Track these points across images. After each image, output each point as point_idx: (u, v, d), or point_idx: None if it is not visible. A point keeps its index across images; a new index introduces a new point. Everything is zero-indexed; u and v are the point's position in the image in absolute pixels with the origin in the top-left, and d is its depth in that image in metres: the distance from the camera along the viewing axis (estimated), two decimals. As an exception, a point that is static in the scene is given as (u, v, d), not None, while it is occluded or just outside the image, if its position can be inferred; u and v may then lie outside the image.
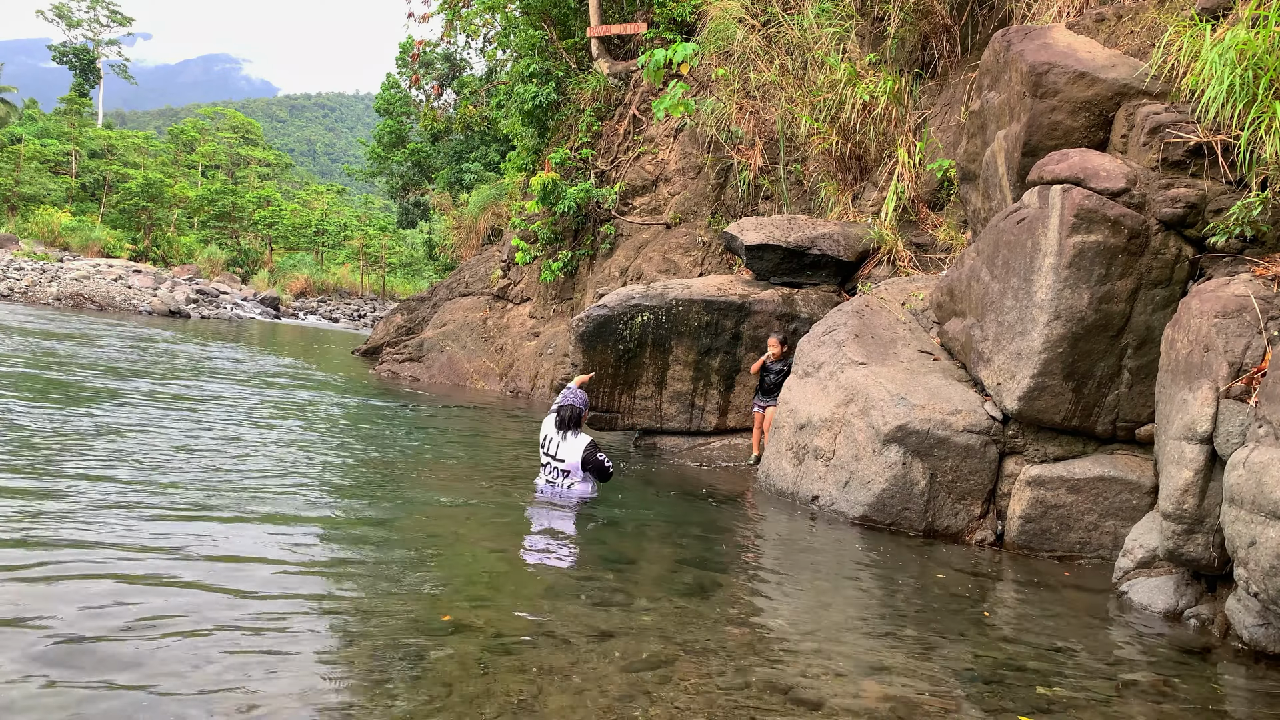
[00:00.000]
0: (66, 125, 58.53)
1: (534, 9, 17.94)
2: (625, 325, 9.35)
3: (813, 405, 7.05)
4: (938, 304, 7.24)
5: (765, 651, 3.68)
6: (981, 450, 6.15)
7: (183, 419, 8.51)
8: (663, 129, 14.79)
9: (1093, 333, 5.70)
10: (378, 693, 2.97)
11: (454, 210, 27.88)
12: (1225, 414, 4.45)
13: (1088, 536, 5.93)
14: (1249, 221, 5.18)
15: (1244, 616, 4.23)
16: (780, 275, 9.49)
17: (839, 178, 10.69)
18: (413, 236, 54.23)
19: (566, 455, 6.40)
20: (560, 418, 6.46)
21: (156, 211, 53.42)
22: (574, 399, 6.55)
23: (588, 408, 6.72)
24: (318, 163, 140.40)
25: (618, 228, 14.82)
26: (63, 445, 6.54)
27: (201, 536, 4.56)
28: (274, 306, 40.11)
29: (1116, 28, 6.89)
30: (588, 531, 5.75)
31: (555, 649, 3.46)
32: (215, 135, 73.82)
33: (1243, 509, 4.02)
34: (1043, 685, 3.55)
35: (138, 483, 5.60)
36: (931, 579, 5.20)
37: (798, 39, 11.06)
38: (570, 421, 6.44)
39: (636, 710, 2.98)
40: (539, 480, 6.66)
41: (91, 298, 28.19)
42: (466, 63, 31.56)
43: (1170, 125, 5.69)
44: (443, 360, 17.26)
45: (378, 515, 5.63)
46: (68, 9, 70.20)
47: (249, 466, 6.57)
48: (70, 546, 4.15)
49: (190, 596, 3.68)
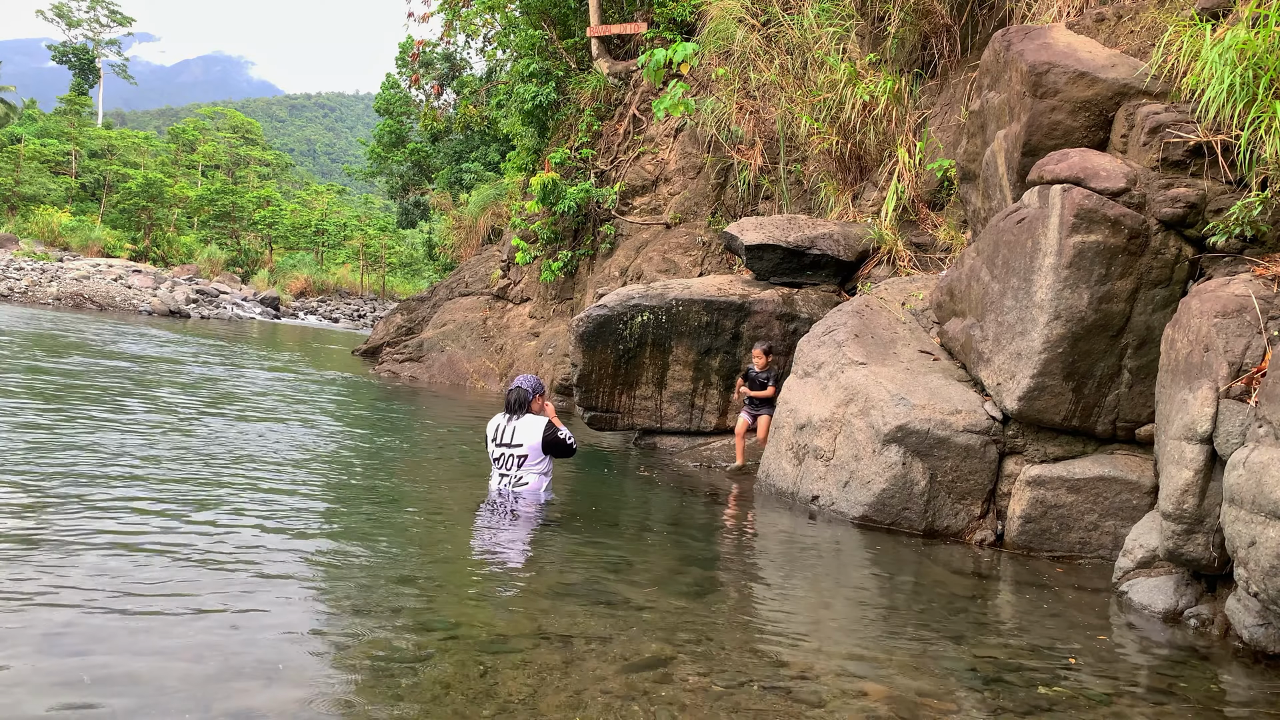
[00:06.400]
0: (66, 125, 58.53)
1: (534, 9, 17.93)
2: (625, 325, 9.35)
3: (813, 405, 7.05)
4: (938, 304, 7.24)
5: (765, 651, 3.67)
6: (981, 450, 6.15)
7: (180, 419, 8.50)
8: (663, 129, 14.78)
9: (1093, 333, 5.70)
10: (377, 693, 2.96)
11: (454, 210, 27.88)
12: (1225, 414, 4.45)
13: (1088, 536, 5.93)
14: (1249, 221, 5.18)
15: (1244, 616, 4.23)
16: (780, 275, 9.49)
17: (839, 178, 10.68)
18: (413, 236, 54.22)
19: (523, 439, 5.99)
20: (508, 402, 6.09)
21: (156, 211, 53.41)
22: (522, 381, 6.17)
23: (540, 392, 6.27)
24: (318, 163, 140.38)
25: (618, 228, 14.82)
26: (47, 450, 6.53)
27: (198, 537, 4.56)
28: (274, 306, 40.08)
29: (1116, 28, 6.89)
30: (587, 531, 5.74)
31: (554, 649, 3.46)
32: (215, 135, 73.85)
33: (1243, 509, 4.02)
34: (1043, 685, 3.54)
35: (131, 479, 5.60)
36: (931, 579, 5.20)
37: (798, 39, 11.06)
38: (519, 405, 6.05)
39: (636, 710, 2.98)
40: (490, 482, 6.24)
41: (91, 298, 28.18)
42: (466, 63, 31.55)
43: (1170, 125, 5.68)
44: (443, 360, 17.26)
45: (376, 515, 5.63)
46: (68, 9, 70.22)
47: (244, 466, 6.56)
48: (46, 564, 4.15)
49: (189, 596, 3.68)
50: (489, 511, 5.93)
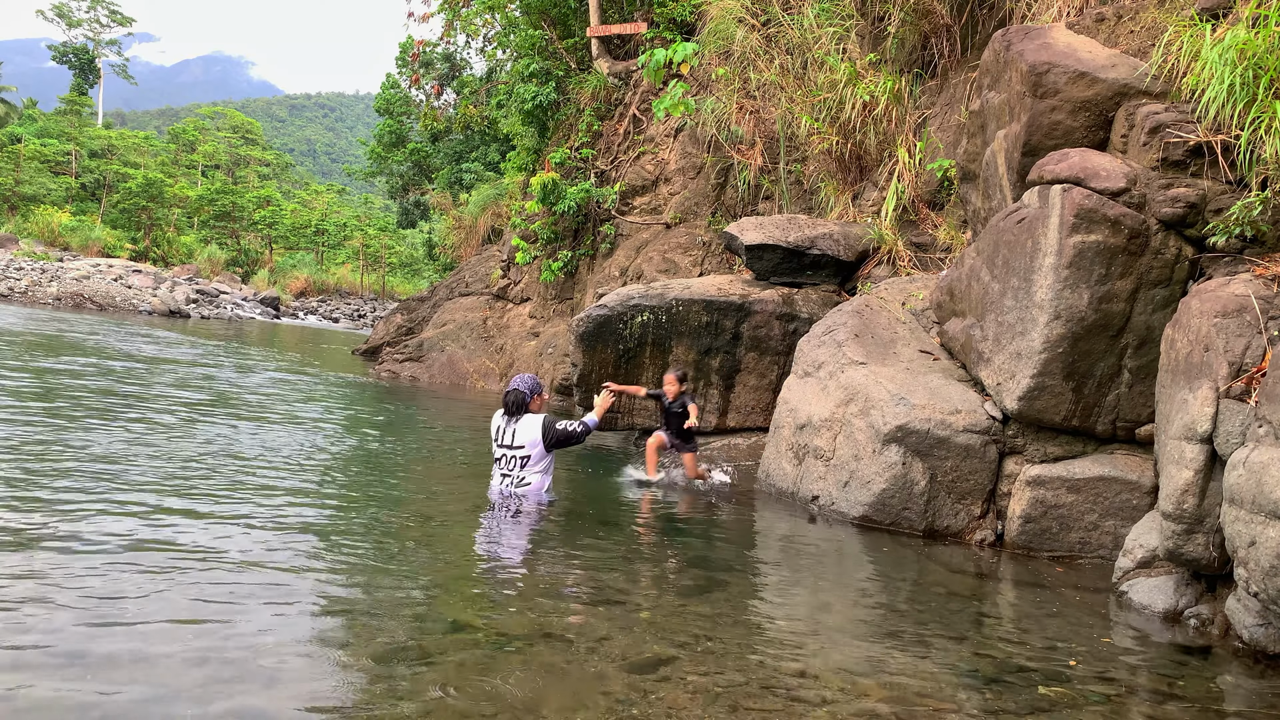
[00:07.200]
0: (66, 125, 58.55)
1: (534, 9, 17.93)
2: (625, 325, 9.35)
3: (813, 405, 7.05)
4: (938, 304, 7.24)
5: (765, 651, 3.67)
6: (981, 450, 6.15)
7: (180, 419, 8.50)
8: (663, 129, 14.78)
9: (1093, 333, 5.70)
10: (378, 693, 2.97)
11: (454, 210, 27.87)
12: (1225, 414, 4.45)
13: (1088, 536, 5.93)
14: (1249, 221, 5.18)
15: (1244, 616, 4.23)
16: (780, 275, 9.49)
17: (839, 177, 10.68)
18: (413, 236, 54.24)
19: (523, 438, 6.01)
20: (506, 404, 6.09)
21: (156, 211, 53.42)
22: (519, 382, 6.17)
23: (538, 392, 6.24)
24: (318, 163, 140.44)
25: (618, 228, 14.82)
26: (47, 451, 6.54)
27: (198, 537, 4.56)
28: (274, 306, 40.08)
29: (1116, 27, 6.89)
30: (587, 531, 5.74)
31: (555, 649, 3.46)
32: (215, 135, 73.87)
33: (1243, 509, 4.02)
34: (1043, 685, 3.55)
35: (130, 480, 5.60)
36: (931, 579, 5.20)
37: (798, 39, 11.06)
38: (517, 406, 6.05)
39: (636, 710, 2.98)
40: (492, 483, 6.29)
41: (91, 298, 28.18)
42: (466, 63, 31.57)
43: (1170, 125, 5.69)
44: (443, 360, 17.26)
45: (377, 515, 5.63)
46: (68, 9, 70.24)
47: (243, 466, 6.56)
48: (46, 565, 4.15)
49: (189, 597, 3.68)
50: (490, 511, 5.93)
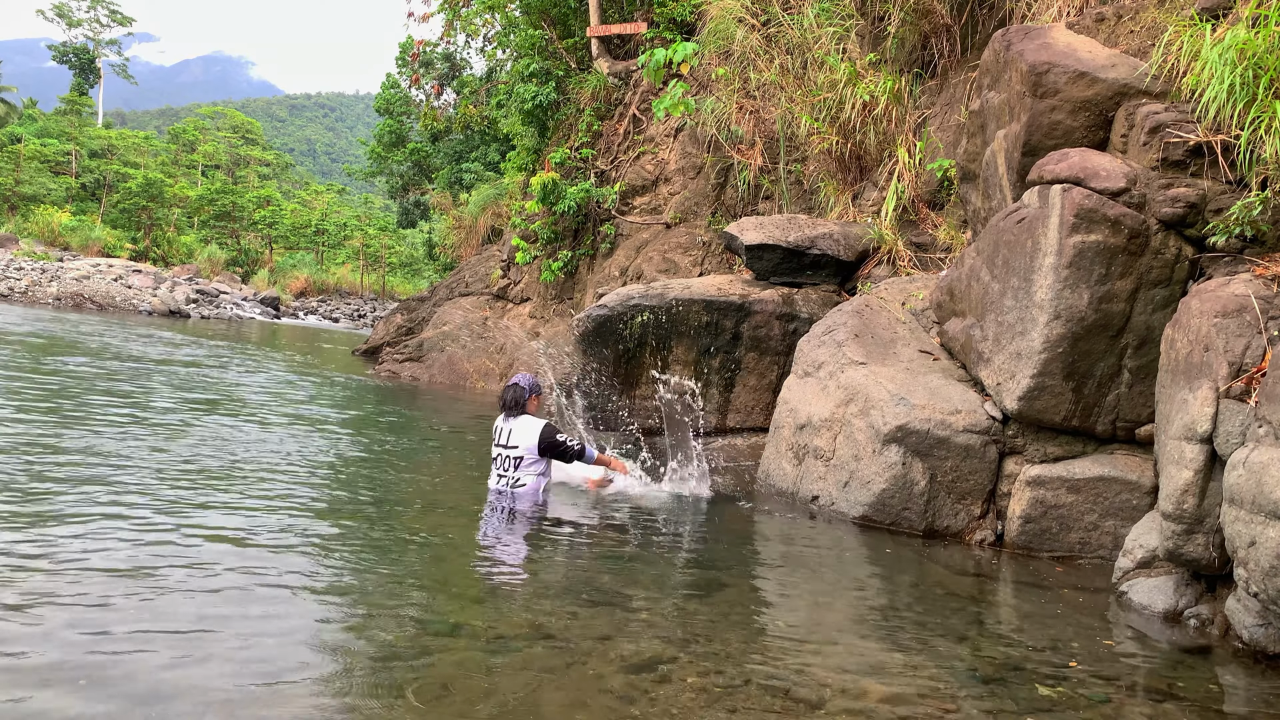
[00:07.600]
0: (66, 125, 58.55)
1: (534, 9, 17.93)
2: (625, 325, 9.35)
3: (812, 405, 7.05)
4: (938, 304, 7.24)
5: (765, 651, 3.67)
6: (981, 450, 6.15)
7: (180, 419, 8.50)
8: (663, 129, 14.78)
9: (1093, 333, 5.70)
10: (377, 693, 2.96)
11: (454, 210, 27.85)
12: (1225, 414, 4.45)
13: (1088, 536, 5.93)
14: (1249, 221, 5.18)
15: (1244, 616, 4.23)
16: (780, 275, 9.49)
17: (839, 177, 10.68)
18: (413, 236, 54.22)
19: (519, 440, 5.97)
20: (504, 400, 6.05)
21: (156, 211, 53.42)
22: (519, 379, 6.14)
23: (537, 391, 6.20)
24: (318, 163, 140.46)
25: (618, 227, 14.82)
26: (45, 452, 6.54)
27: (193, 537, 4.56)
28: (274, 306, 40.07)
29: (1116, 27, 6.89)
30: (587, 531, 5.74)
31: (555, 649, 3.46)
32: (215, 135, 73.88)
33: (1243, 509, 4.02)
34: (1043, 685, 3.54)
35: (130, 481, 5.60)
36: (931, 579, 5.20)
37: (798, 39, 11.05)
38: (514, 402, 6.00)
39: (636, 710, 2.98)
40: (489, 482, 6.29)
41: (91, 298, 28.18)
42: (466, 62, 31.56)
43: (1170, 125, 5.69)
44: (443, 360, 17.26)
45: (375, 515, 5.63)
46: (68, 9, 70.24)
47: (243, 466, 6.56)
48: (46, 566, 4.15)
49: (189, 597, 3.68)
50: (489, 511, 5.93)
